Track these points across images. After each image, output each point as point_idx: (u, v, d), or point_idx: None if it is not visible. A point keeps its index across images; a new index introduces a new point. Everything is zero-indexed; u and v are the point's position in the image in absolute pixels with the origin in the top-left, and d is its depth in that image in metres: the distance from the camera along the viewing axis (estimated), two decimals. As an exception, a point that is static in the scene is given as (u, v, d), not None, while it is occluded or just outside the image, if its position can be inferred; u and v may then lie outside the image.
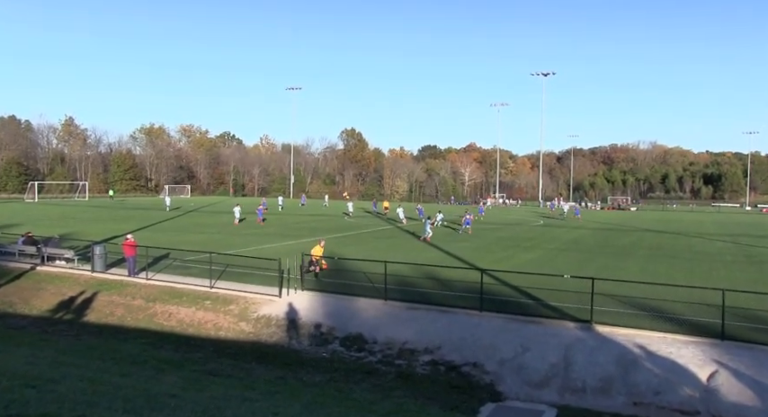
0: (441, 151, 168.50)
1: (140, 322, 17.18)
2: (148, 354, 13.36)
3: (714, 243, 35.24)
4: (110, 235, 29.78)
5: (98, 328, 16.87)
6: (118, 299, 18.68)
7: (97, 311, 18.17)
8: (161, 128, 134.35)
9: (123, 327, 16.90)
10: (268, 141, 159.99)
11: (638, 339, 13.36)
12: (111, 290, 19.39)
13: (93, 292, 19.35)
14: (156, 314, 17.41)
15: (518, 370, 12.79)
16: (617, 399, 11.57)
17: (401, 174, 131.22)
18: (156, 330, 16.53)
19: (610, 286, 15.90)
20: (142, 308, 17.91)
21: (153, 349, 14.40)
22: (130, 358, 12.42)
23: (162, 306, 17.71)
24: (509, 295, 17.56)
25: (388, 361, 13.79)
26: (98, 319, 17.67)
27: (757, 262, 26.79)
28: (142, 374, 9.93)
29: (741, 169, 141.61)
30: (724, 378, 11.61)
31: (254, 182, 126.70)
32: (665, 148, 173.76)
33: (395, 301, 16.73)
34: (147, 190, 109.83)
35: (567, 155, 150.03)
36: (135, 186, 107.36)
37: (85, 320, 17.72)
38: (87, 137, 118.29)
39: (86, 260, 22.17)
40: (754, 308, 14.78)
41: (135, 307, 18.05)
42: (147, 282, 19.68)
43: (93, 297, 19.05)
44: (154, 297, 18.37)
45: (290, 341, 15.39)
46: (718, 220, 62.18)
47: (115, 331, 16.52)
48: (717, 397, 11.20)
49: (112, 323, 17.30)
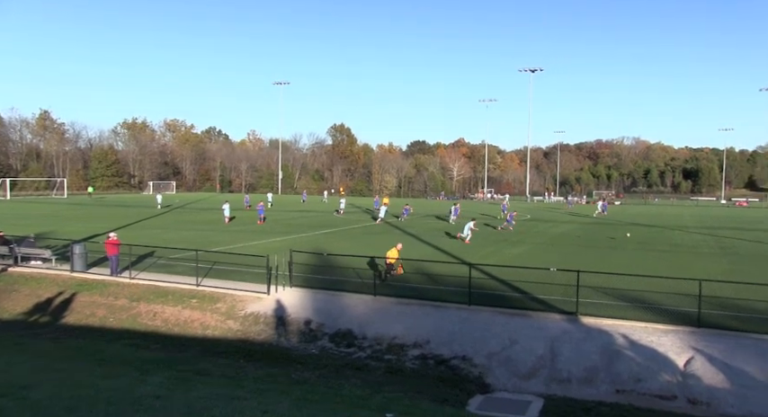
0: (429, 146, 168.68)
1: (124, 322, 16.88)
2: (132, 355, 13.19)
3: (692, 236, 35.86)
4: (90, 234, 29.41)
5: (78, 330, 16.44)
6: (99, 300, 18.29)
7: (77, 312, 17.68)
8: (144, 124, 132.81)
9: (105, 328, 16.57)
10: (255, 137, 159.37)
11: (621, 329, 13.65)
12: (92, 290, 18.97)
13: (72, 293, 18.84)
14: (141, 314, 17.17)
15: (506, 363, 12.96)
16: (601, 388, 11.83)
17: (390, 170, 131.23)
18: (141, 330, 16.29)
19: (595, 278, 16.14)
20: (125, 308, 17.62)
21: (137, 349, 14.18)
22: (113, 359, 12.23)
23: (146, 306, 17.51)
24: (497, 289, 17.74)
25: (377, 357, 13.88)
26: (78, 321, 17.19)
27: (732, 254, 27.50)
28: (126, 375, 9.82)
29: (717, 164, 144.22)
30: (699, 364, 12.07)
31: (241, 179, 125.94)
32: (648, 144, 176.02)
33: (384, 296, 16.82)
34: (131, 187, 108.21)
35: (554, 150, 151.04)
36: (117, 183, 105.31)
37: (64, 322, 17.20)
38: (65, 131, 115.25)
39: (65, 260, 21.55)
40: (729, 297, 15.31)
41: (118, 307, 17.74)
42: (130, 281, 19.38)
43: (73, 297, 18.55)
44: (138, 297, 18.12)
45: (278, 338, 15.40)
46: (696, 214, 63.23)
47: (97, 332, 16.15)
48: (692, 382, 11.63)
49: (94, 324, 16.92)
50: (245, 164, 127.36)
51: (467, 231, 30.60)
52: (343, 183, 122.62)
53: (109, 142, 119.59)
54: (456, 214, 43.43)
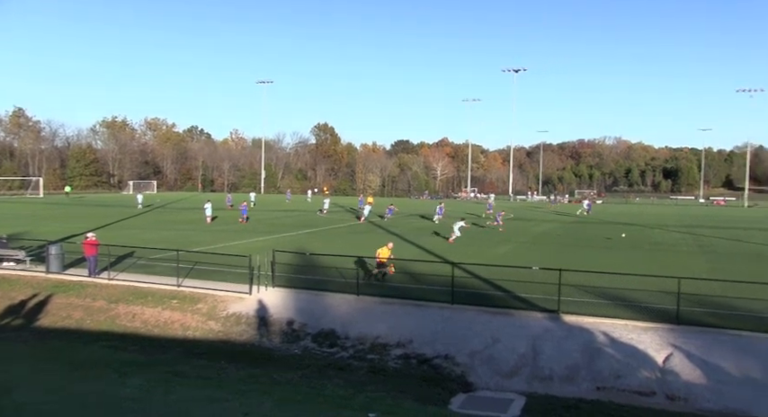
0: (413, 146, 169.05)
1: (102, 324, 16.54)
2: (111, 357, 12.95)
3: (672, 235, 36.41)
4: (68, 234, 28.72)
5: (53, 332, 16.01)
6: (76, 301, 17.86)
7: (52, 314, 17.21)
8: (124, 122, 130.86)
9: (82, 330, 16.18)
10: (238, 136, 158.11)
11: (602, 327, 13.79)
12: (68, 292, 18.49)
13: (47, 295, 18.31)
14: (119, 316, 16.85)
15: (488, 361, 13.01)
16: (582, 385, 11.94)
17: (374, 169, 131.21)
18: (120, 332, 15.98)
19: (576, 276, 16.27)
20: (104, 310, 17.27)
21: (116, 351, 13.90)
22: (91, 362, 11.99)
23: (125, 307, 17.20)
24: (480, 287, 17.80)
25: (360, 356, 13.85)
26: (53, 323, 16.74)
27: (709, 252, 28.02)
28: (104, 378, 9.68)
29: (696, 164, 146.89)
30: (678, 361, 12.25)
31: (223, 178, 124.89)
32: (629, 144, 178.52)
33: (367, 296, 16.77)
34: (110, 187, 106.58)
35: (537, 149, 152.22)
36: (96, 182, 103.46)
37: (38, 325, 16.71)
38: (41, 129, 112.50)
39: (40, 261, 20.96)
40: (707, 294, 15.54)
41: (96, 309, 17.37)
42: (109, 282, 19.01)
43: (48, 299, 18.04)
44: (117, 298, 17.79)
45: (260, 338, 15.29)
46: (676, 213, 64.28)
47: (73, 334, 15.77)
48: (671, 378, 11.81)
49: (70, 326, 16.52)
50: (227, 164, 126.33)
51: (457, 230, 30.61)
52: (327, 183, 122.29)
53: (87, 141, 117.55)
54: (441, 213, 43.64)
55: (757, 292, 15.25)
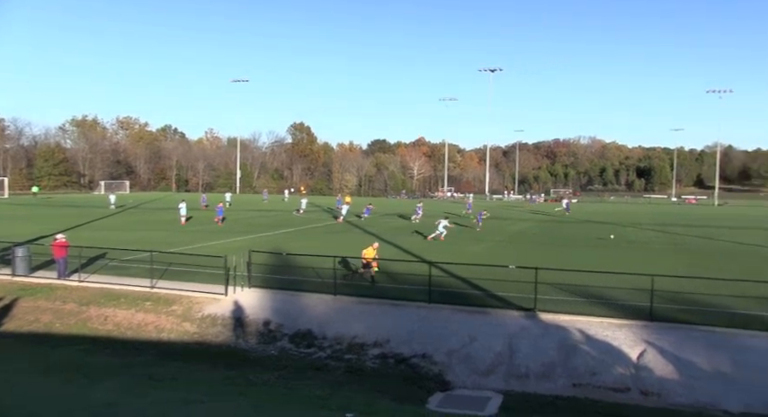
0: (390, 145, 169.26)
1: (72, 328, 16.11)
2: (81, 361, 12.64)
3: (646, 233, 37.07)
4: (35, 236, 27.90)
5: (20, 337, 15.52)
6: (45, 304, 17.35)
7: (18, 318, 16.68)
8: (95, 121, 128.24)
9: (51, 334, 15.71)
10: (213, 135, 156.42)
11: (577, 324, 13.95)
12: (36, 295, 17.95)
13: (13, 298, 17.72)
14: (91, 319, 16.44)
15: (465, 360, 13.06)
16: (558, 382, 12.06)
17: (350, 169, 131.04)
18: (91, 335, 15.59)
19: (552, 275, 16.43)
20: (74, 313, 16.81)
21: (87, 356, 13.56)
22: (60, 367, 11.68)
23: (97, 310, 16.79)
24: (457, 286, 17.87)
25: (337, 356, 13.79)
26: (19, 327, 16.23)
27: (682, 249, 28.58)
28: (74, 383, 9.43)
29: (669, 163, 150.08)
30: (651, 356, 12.45)
31: (198, 178, 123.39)
32: (604, 143, 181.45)
33: (344, 296, 16.72)
34: (80, 187, 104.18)
35: (513, 149, 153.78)
36: (66, 182, 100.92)
37: (3, 330, 16.12)
38: (5, 128, 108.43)
39: (5, 263, 20.45)
40: (679, 291, 15.80)
41: (66, 312, 16.90)
42: (79, 284, 18.55)
43: (14, 303, 17.47)
44: (88, 301, 17.35)
45: (236, 340, 15.13)
46: (649, 211, 65.54)
47: (42, 339, 15.29)
48: (645, 374, 12.00)
49: (38, 330, 16.03)
50: (202, 163, 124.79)
51: (441, 229, 30.61)
52: (304, 182, 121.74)
53: (56, 140, 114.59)
54: (419, 213, 43.73)
55: (728, 289, 15.66)
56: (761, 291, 14.81)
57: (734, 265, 22.87)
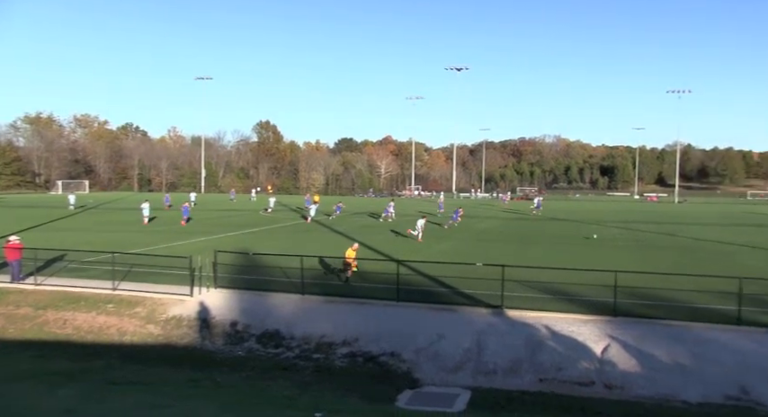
0: (357, 144, 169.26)
1: (27, 332, 15.43)
2: (38, 368, 12.12)
3: (610, 230, 37.96)
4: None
5: None
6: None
7: None
8: (50, 118, 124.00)
9: (5, 340, 15.01)
10: (176, 133, 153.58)
11: (544, 320, 14.16)
12: (-14, 300, 17.15)
13: None
14: (48, 323, 15.82)
15: (434, 357, 13.12)
16: (525, 377, 12.22)
17: (317, 168, 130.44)
18: (48, 340, 14.98)
19: (519, 272, 16.65)
20: (29, 317, 16.13)
21: (44, 361, 13.01)
22: (14, 374, 11.16)
23: (55, 313, 16.18)
24: (425, 284, 17.94)
25: (306, 356, 13.69)
26: None
27: (644, 246, 29.36)
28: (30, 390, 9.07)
29: (631, 161, 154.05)
30: (615, 351, 12.72)
31: (161, 177, 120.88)
32: (568, 142, 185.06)
33: (312, 295, 16.60)
34: (36, 187, 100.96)
35: (480, 147, 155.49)
36: (19, 182, 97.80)
37: None
38: None
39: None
40: (641, 286, 16.21)
41: (19, 317, 16.18)
42: (35, 288, 17.82)
43: None
44: (45, 304, 16.69)
45: (203, 341, 14.86)
46: (613, 208, 67.26)
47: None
48: (608, 368, 12.25)
49: (-12, 336, 15.30)
50: (165, 162, 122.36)
51: (418, 228, 30.55)
52: (270, 181, 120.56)
53: (7, 137, 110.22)
54: (388, 213, 43.83)
55: (687, 283, 16.23)
56: (718, 285, 15.32)
57: (693, 261, 23.59)
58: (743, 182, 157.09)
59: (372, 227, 37.74)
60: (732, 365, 11.91)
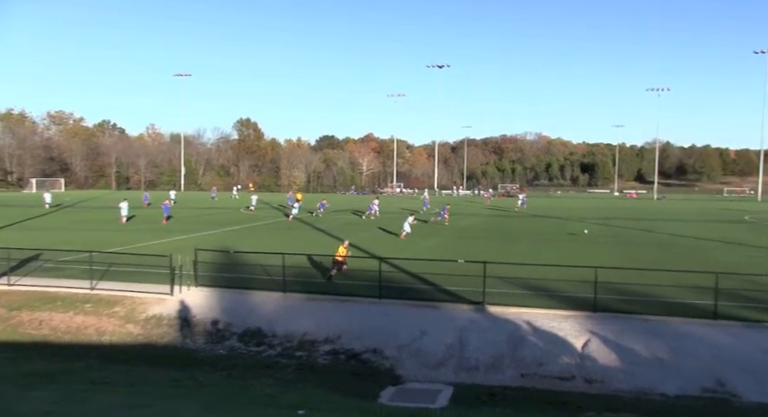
0: (339, 141, 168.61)
1: (0, 334, 15.11)
2: (12, 369, 11.87)
3: (590, 227, 38.33)
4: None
5: None
6: (-34, 311, 16.11)
7: None
8: (22, 115, 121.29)
9: None
10: (155, 131, 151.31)
11: (525, 316, 14.29)
12: (-45, 302, 16.65)
13: None
14: (23, 324, 15.50)
15: (416, 354, 13.15)
16: (506, 373, 12.32)
17: (298, 165, 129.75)
18: (23, 341, 14.69)
19: (500, 268, 16.76)
20: (3, 318, 15.79)
21: (19, 363, 12.72)
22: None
23: (30, 314, 15.86)
24: (407, 282, 17.98)
25: (288, 354, 13.64)
26: None
27: (623, 242, 29.75)
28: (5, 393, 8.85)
29: (611, 159, 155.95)
30: (595, 346, 12.90)
31: (140, 175, 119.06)
32: (549, 139, 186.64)
33: (294, 293, 16.55)
34: (8, 185, 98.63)
35: (461, 145, 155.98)
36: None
37: None
38: None
39: None
40: (621, 282, 16.42)
41: (-9, 318, 15.83)
42: (9, 288, 17.45)
43: None
44: (19, 305, 16.35)
45: (184, 340, 14.72)
46: (593, 205, 68.04)
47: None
48: (589, 363, 12.42)
49: (-43, 339, 14.88)
50: (143, 160, 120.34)
51: (407, 226, 30.50)
52: (251, 179, 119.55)
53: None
54: (371, 210, 43.83)
55: (665, 279, 16.49)
56: (695, 281, 15.60)
57: (671, 256, 23.99)
58: (720, 180, 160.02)
59: (355, 225, 37.69)
60: (708, 358, 12.15)
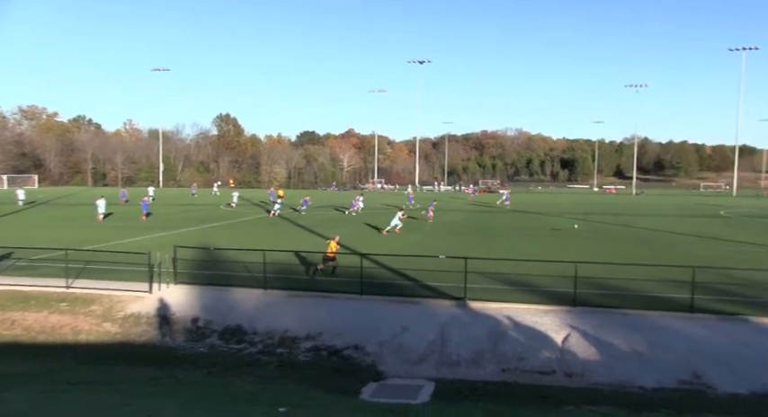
0: (319, 137, 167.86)
1: (-31, 335, 14.68)
2: (-18, 371, 11.56)
3: (570, 221, 38.68)
4: None
5: None
6: (-68, 312, 15.57)
7: None
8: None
9: None
10: (132, 126, 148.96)
11: (506, 311, 14.38)
12: None
13: None
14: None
15: (398, 350, 13.16)
16: (487, 368, 12.39)
17: (279, 161, 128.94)
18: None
19: (481, 264, 16.83)
20: (-29, 319, 15.34)
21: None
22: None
23: (1, 314, 15.49)
24: (388, 278, 17.97)
25: (269, 351, 13.56)
26: None
27: (602, 237, 30.10)
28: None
29: (591, 154, 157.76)
30: (575, 340, 13.03)
31: (117, 171, 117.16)
32: (529, 135, 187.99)
33: (275, 290, 16.46)
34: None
35: (442, 140, 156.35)
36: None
37: None
38: None
39: None
40: (600, 277, 16.63)
41: (-40, 318, 15.34)
42: (-22, 288, 16.97)
43: None
44: (-10, 305, 15.96)
45: (163, 338, 14.53)
46: (573, 201, 68.79)
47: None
48: (569, 357, 12.54)
49: None
50: (121, 156, 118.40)
51: (396, 221, 30.33)
52: (231, 175, 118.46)
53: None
54: (354, 206, 43.76)
55: (643, 273, 16.73)
56: (672, 275, 15.84)
57: (649, 251, 24.33)
58: (696, 175, 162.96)
59: (337, 221, 37.57)
60: (685, 351, 12.35)
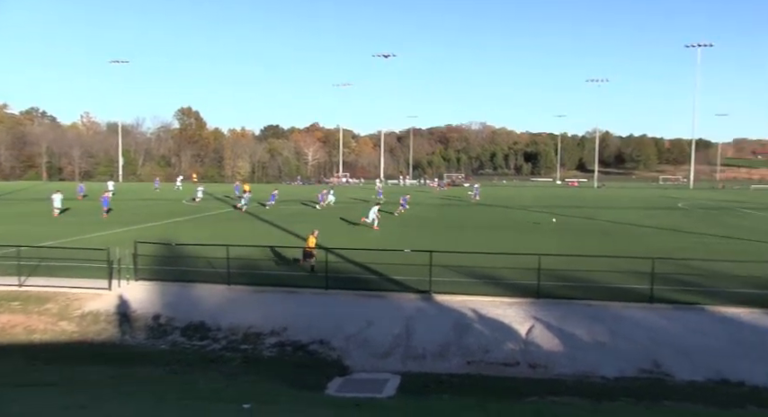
0: (284, 131, 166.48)
1: None
2: None
3: (533, 215, 39.40)
4: None
5: None
6: None
7: None
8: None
9: None
10: (89, 119, 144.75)
11: (471, 304, 14.51)
12: None
13: None
14: (-66, 326, 14.30)
15: (363, 344, 13.13)
16: (453, 361, 12.46)
17: (243, 155, 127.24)
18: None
19: (446, 257, 16.92)
20: None
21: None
22: None
23: (-55, 315, 14.75)
24: (354, 272, 17.93)
25: (233, 347, 13.35)
26: None
27: (565, 230, 30.66)
28: None
29: (553, 148, 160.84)
30: (539, 331, 13.23)
31: (74, 165, 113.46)
32: (493, 129, 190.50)
33: (239, 285, 16.24)
34: None
35: (407, 134, 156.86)
36: None
37: None
38: None
39: None
40: (563, 269, 16.94)
41: None
42: None
43: None
44: (-69, 305, 15.11)
45: (123, 336, 14.13)
46: (536, 194, 69.99)
47: None
48: (533, 348, 12.71)
49: None
50: (78, 150, 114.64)
51: (372, 216, 30.09)
52: (194, 169, 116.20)
53: None
54: (322, 200, 43.47)
55: (605, 264, 17.14)
56: (633, 266, 16.23)
57: (610, 243, 24.93)
58: (655, 168, 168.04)
59: (302, 215, 37.29)
60: (645, 340, 12.68)
